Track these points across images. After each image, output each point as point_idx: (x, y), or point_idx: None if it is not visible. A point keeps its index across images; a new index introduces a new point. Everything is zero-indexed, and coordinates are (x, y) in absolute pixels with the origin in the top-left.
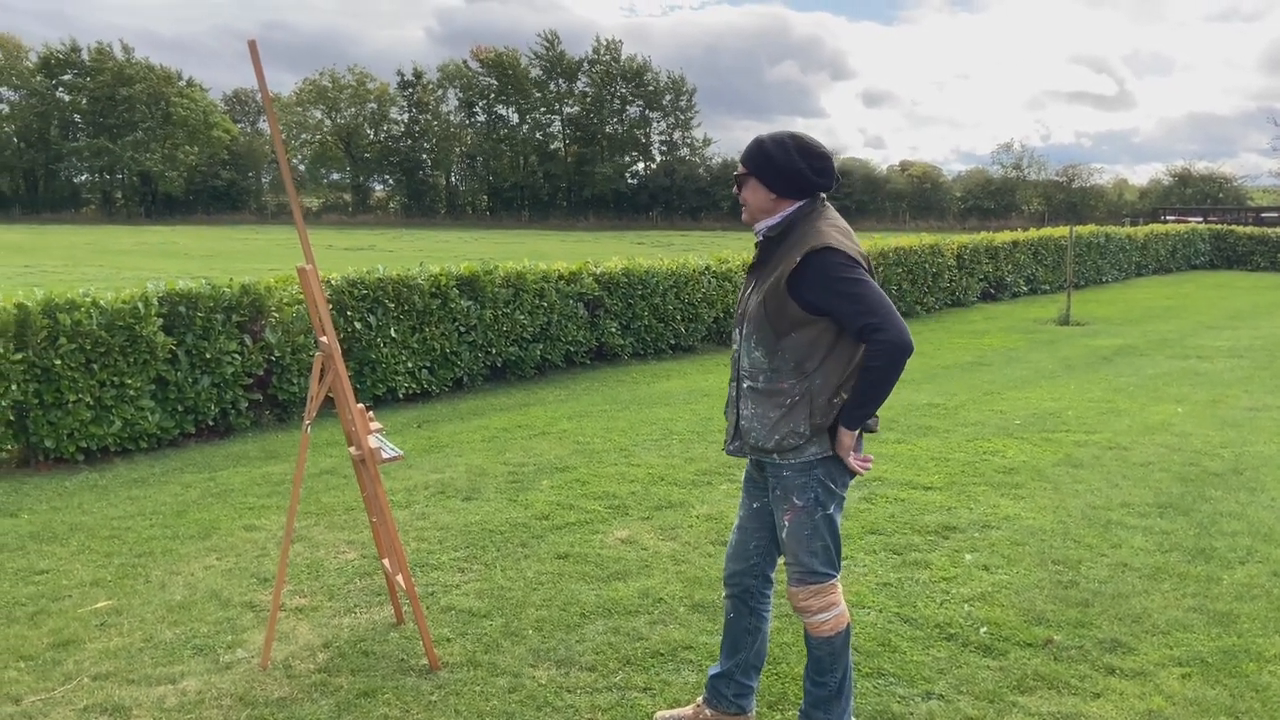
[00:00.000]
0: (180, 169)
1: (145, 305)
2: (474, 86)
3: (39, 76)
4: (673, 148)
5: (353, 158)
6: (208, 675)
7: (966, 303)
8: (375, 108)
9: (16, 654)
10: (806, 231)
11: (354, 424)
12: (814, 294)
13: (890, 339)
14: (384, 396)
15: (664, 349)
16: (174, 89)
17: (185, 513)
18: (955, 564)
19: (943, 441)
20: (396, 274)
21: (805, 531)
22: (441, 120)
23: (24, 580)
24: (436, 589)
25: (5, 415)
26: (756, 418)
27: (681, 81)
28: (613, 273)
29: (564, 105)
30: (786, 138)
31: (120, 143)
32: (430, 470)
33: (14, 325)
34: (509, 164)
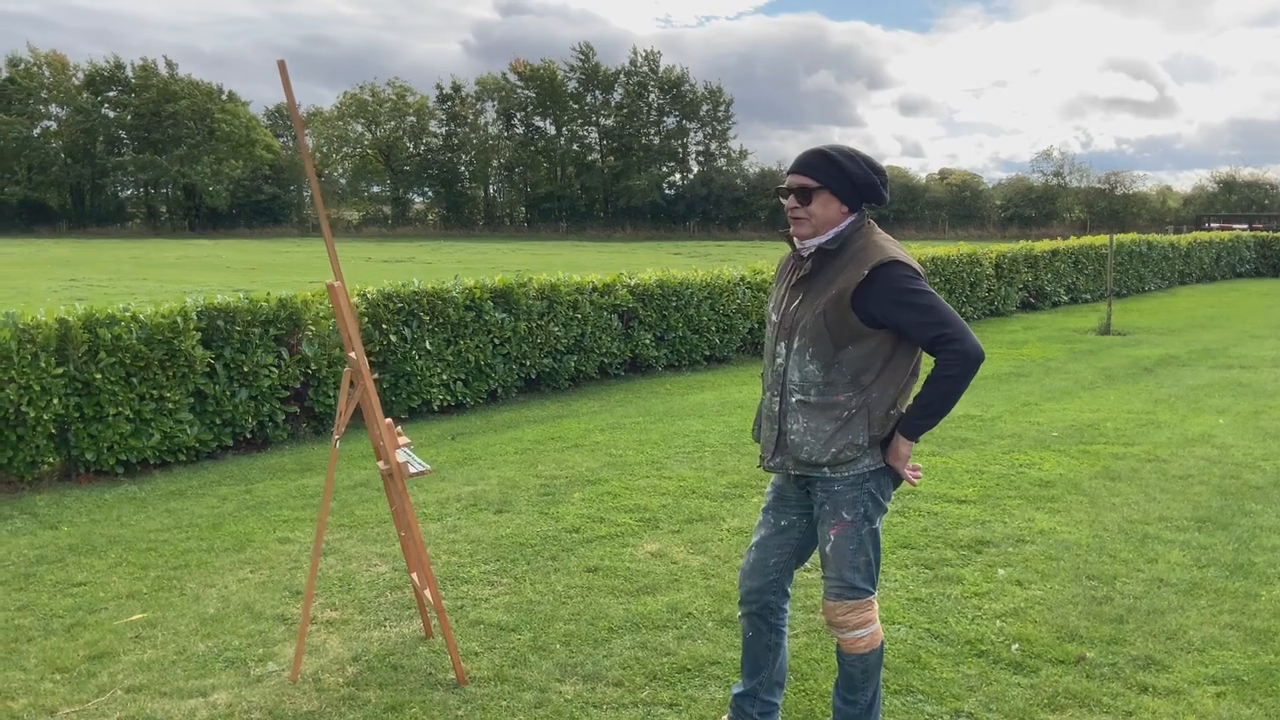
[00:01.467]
0: (224, 183)
1: (184, 319)
2: (512, 99)
3: (85, 94)
4: (710, 158)
5: (392, 170)
6: (238, 688)
7: (1005, 312)
8: (414, 121)
9: (53, 666)
10: (865, 245)
11: (382, 438)
12: (879, 307)
13: (965, 349)
14: (419, 409)
15: (698, 360)
16: (217, 104)
17: (221, 525)
18: (988, 579)
19: (978, 454)
20: (431, 286)
21: (851, 546)
22: (480, 133)
23: (62, 592)
24: (466, 602)
25: (47, 428)
26: (810, 432)
27: (719, 92)
28: (647, 284)
29: (600, 117)
30: (851, 151)
31: (165, 157)
32: (463, 483)
33: (55, 339)
34: (546, 175)
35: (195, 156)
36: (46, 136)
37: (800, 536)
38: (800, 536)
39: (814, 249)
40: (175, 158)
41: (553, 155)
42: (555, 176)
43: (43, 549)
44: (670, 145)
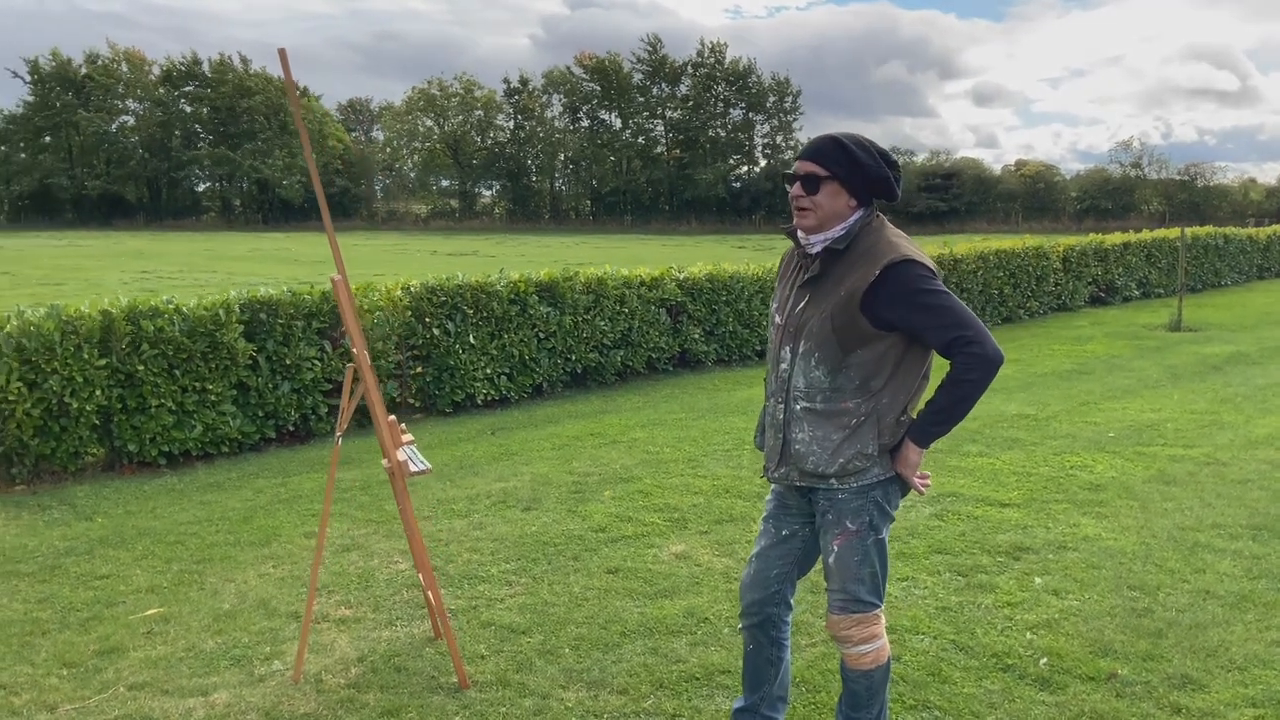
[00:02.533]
0: (296, 176)
1: (226, 312)
2: (578, 92)
3: (162, 89)
4: (776, 150)
5: (460, 164)
6: (240, 688)
7: (1073, 307)
8: (482, 115)
9: (62, 660)
10: (876, 243)
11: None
12: (891, 309)
13: (985, 352)
14: (462, 402)
15: (749, 355)
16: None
17: (251, 519)
18: (1023, 588)
19: (1028, 455)
20: (475, 280)
21: (855, 558)
22: (546, 126)
23: (85, 585)
24: (480, 603)
25: (90, 420)
26: (816, 441)
27: (786, 83)
28: (696, 278)
29: (666, 109)
30: (865, 141)
31: (239, 152)
32: (495, 479)
33: (99, 331)
34: (611, 169)
35: (267, 151)
36: (125, 131)
37: (803, 546)
38: (803, 546)
39: (821, 247)
40: (248, 152)
41: (618, 148)
42: (620, 170)
43: (73, 540)
44: (736, 138)
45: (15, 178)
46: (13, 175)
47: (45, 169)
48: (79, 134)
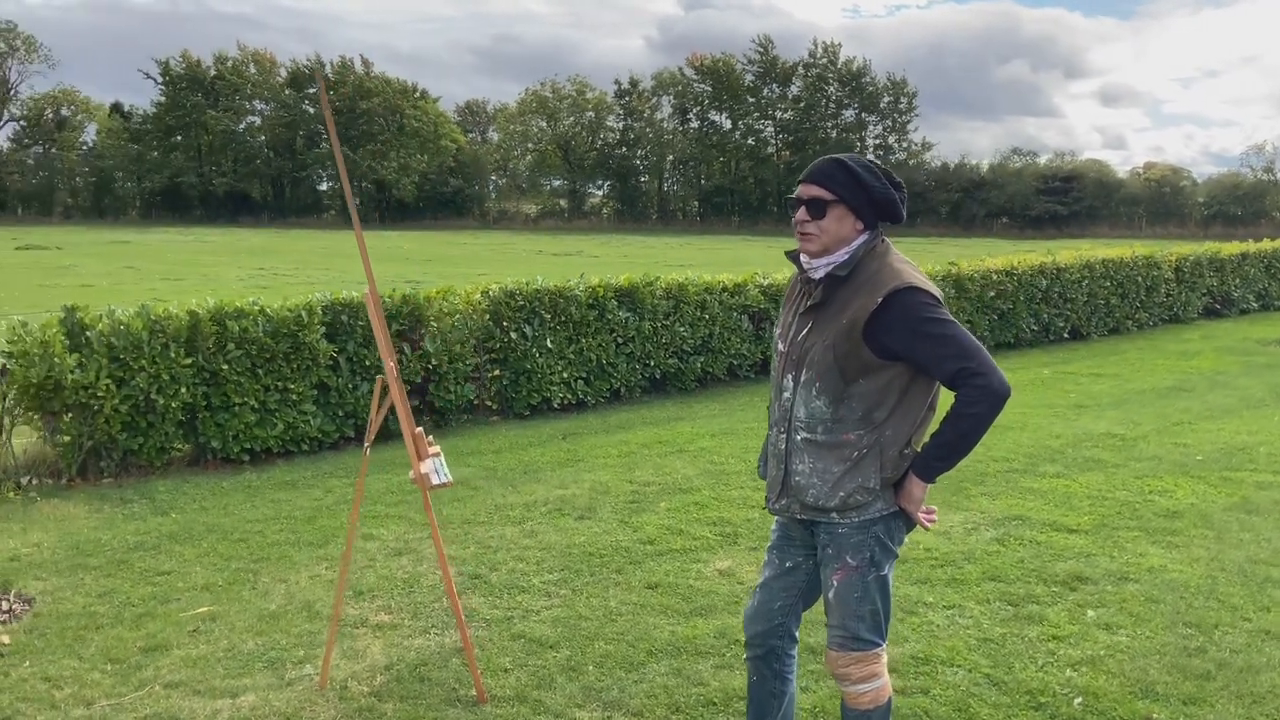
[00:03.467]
0: (411, 177)
1: (308, 314)
2: (688, 93)
3: (287, 90)
4: (888, 151)
5: (570, 165)
6: (268, 691)
7: (1185, 319)
8: (593, 116)
9: (108, 656)
10: (880, 269)
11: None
12: (895, 338)
13: (991, 385)
14: (539, 406)
15: None
16: (409, 101)
17: (315, 519)
18: (1074, 620)
19: (1107, 478)
20: (554, 285)
21: (855, 594)
22: (655, 127)
23: (145, 580)
24: (516, 614)
25: (176, 416)
26: (816, 473)
27: (901, 84)
28: (780, 284)
29: (777, 110)
30: (870, 162)
31: (359, 152)
32: (556, 485)
33: (186, 331)
34: (720, 169)
35: (384, 152)
36: (251, 131)
37: (806, 579)
38: (806, 579)
39: (824, 273)
40: (367, 153)
41: (727, 149)
42: (729, 170)
43: (144, 535)
44: (847, 139)
45: (147, 175)
46: (145, 173)
47: (175, 167)
48: (208, 133)
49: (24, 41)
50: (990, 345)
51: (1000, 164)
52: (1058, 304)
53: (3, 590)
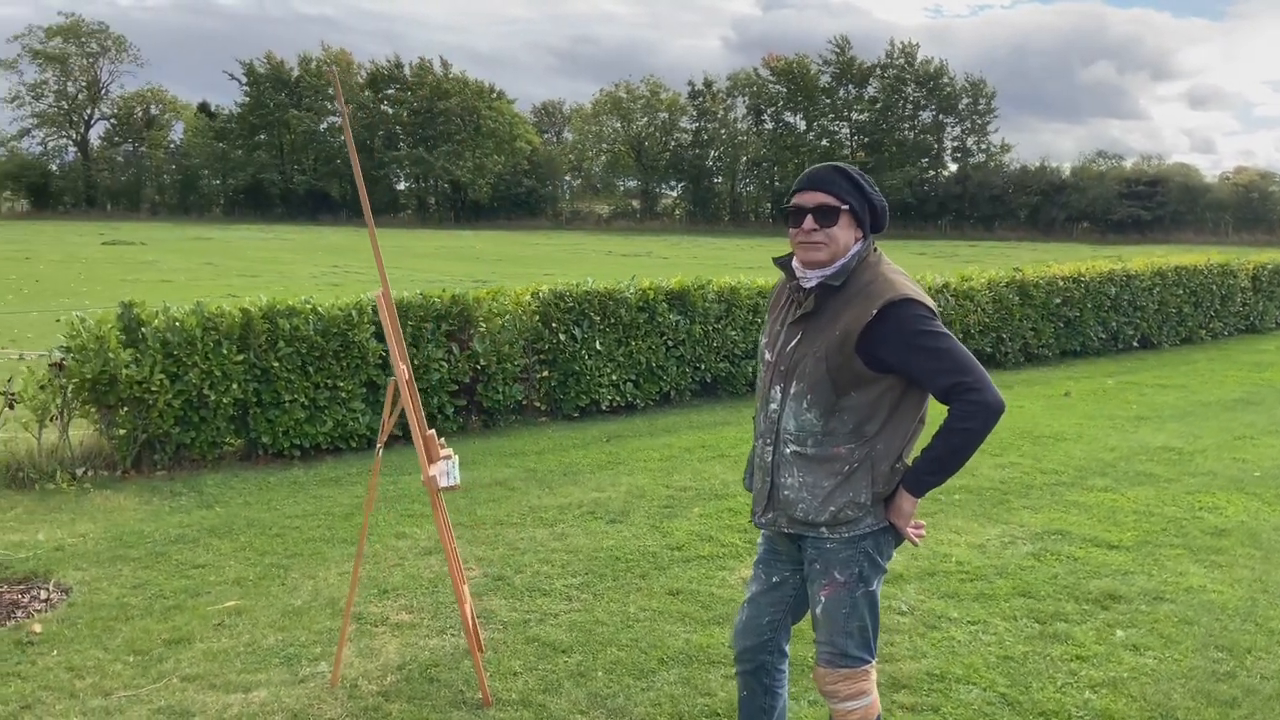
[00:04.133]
0: (486, 177)
1: (358, 313)
2: (763, 94)
3: (367, 91)
4: (966, 154)
5: (642, 166)
6: (280, 687)
7: (1262, 329)
8: (666, 117)
9: (132, 648)
10: (873, 279)
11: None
12: (888, 351)
13: (985, 400)
14: (587, 408)
15: None
16: (485, 102)
17: (352, 515)
18: (1101, 640)
19: (1157, 493)
20: (603, 288)
21: (843, 610)
22: (729, 128)
23: (180, 573)
24: (534, 617)
25: (227, 412)
26: (806, 488)
27: (981, 85)
28: None
29: (852, 111)
30: (857, 170)
31: (435, 153)
32: (593, 488)
33: (238, 328)
34: (794, 171)
35: (460, 152)
36: (331, 131)
37: (794, 593)
38: (794, 593)
39: (816, 282)
40: (442, 153)
41: (801, 150)
42: (802, 172)
43: (186, 528)
44: (924, 140)
45: (231, 173)
46: (229, 171)
47: (258, 165)
48: (290, 132)
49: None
50: (1055, 353)
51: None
52: (1127, 312)
53: (43, 579)
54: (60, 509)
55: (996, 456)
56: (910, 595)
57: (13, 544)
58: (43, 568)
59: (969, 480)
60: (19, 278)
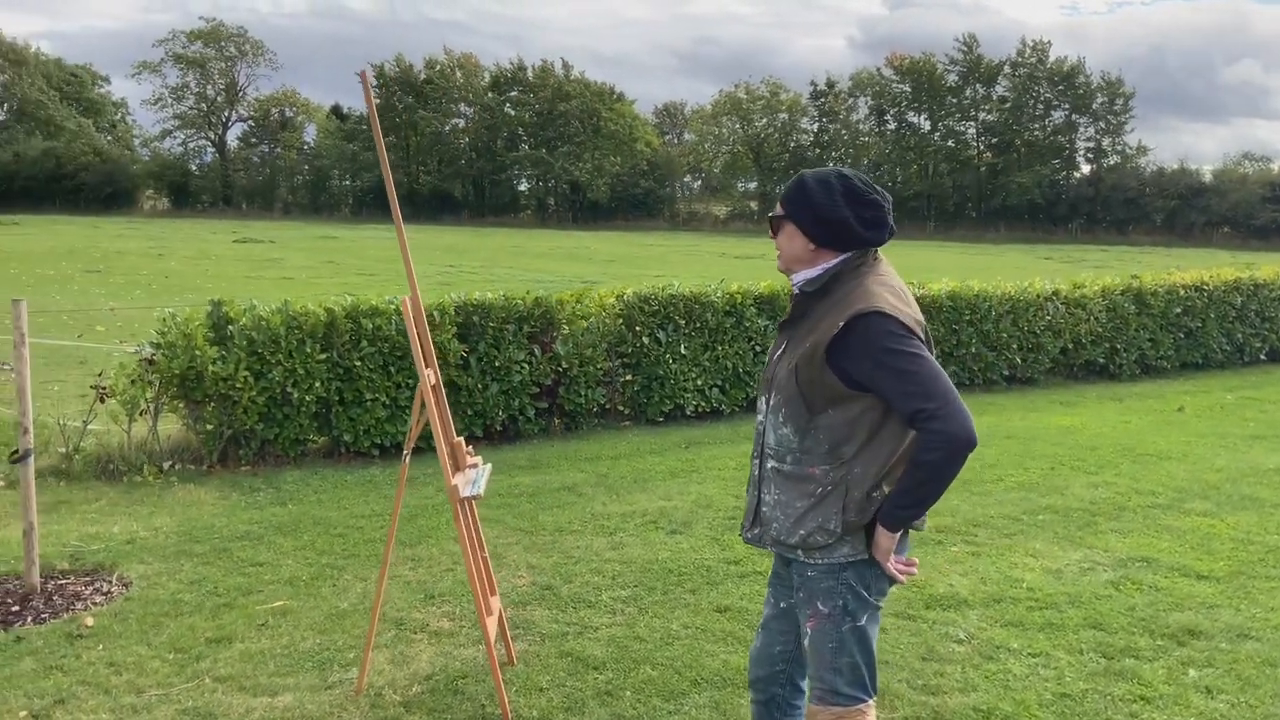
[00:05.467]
0: (604, 178)
1: (440, 314)
2: (886, 94)
3: (490, 93)
4: (1100, 154)
5: (761, 167)
6: (306, 693)
7: None
8: (786, 118)
9: (174, 645)
10: (852, 290)
11: (450, 456)
12: (855, 365)
13: (948, 431)
14: (671, 413)
15: (995, 380)
16: (605, 104)
17: (415, 518)
18: (1171, 680)
19: (1260, 519)
20: (689, 291)
21: (829, 644)
22: (851, 129)
23: (238, 570)
24: (573, 630)
25: (310, 409)
26: (780, 506)
27: (1117, 83)
28: (935, 295)
29: (980, 111)
30: (833, 178)
31: (555, 153)
32: (660, 497)
33: (322, 328)
34: (916, 172)
35: (579, 153)
36: (455, 133)
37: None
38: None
39: (798, 289)
40: (562, 154)
41: (925, 151)
42: (926, 173)
43: (254, 525)
44: (1056, 141)
45: (359, 173)
46: (357, 171)
47: None
48: (416, 134)
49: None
50: (1174, 365)
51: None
52: (1254, 323)
53: (108, 572)
54: (142, 502)
55: (1091, 475)
56: (971, 623)
57: (89, 535)
58: (111, 560)
59: (1056, 500)
60: (150, 274)
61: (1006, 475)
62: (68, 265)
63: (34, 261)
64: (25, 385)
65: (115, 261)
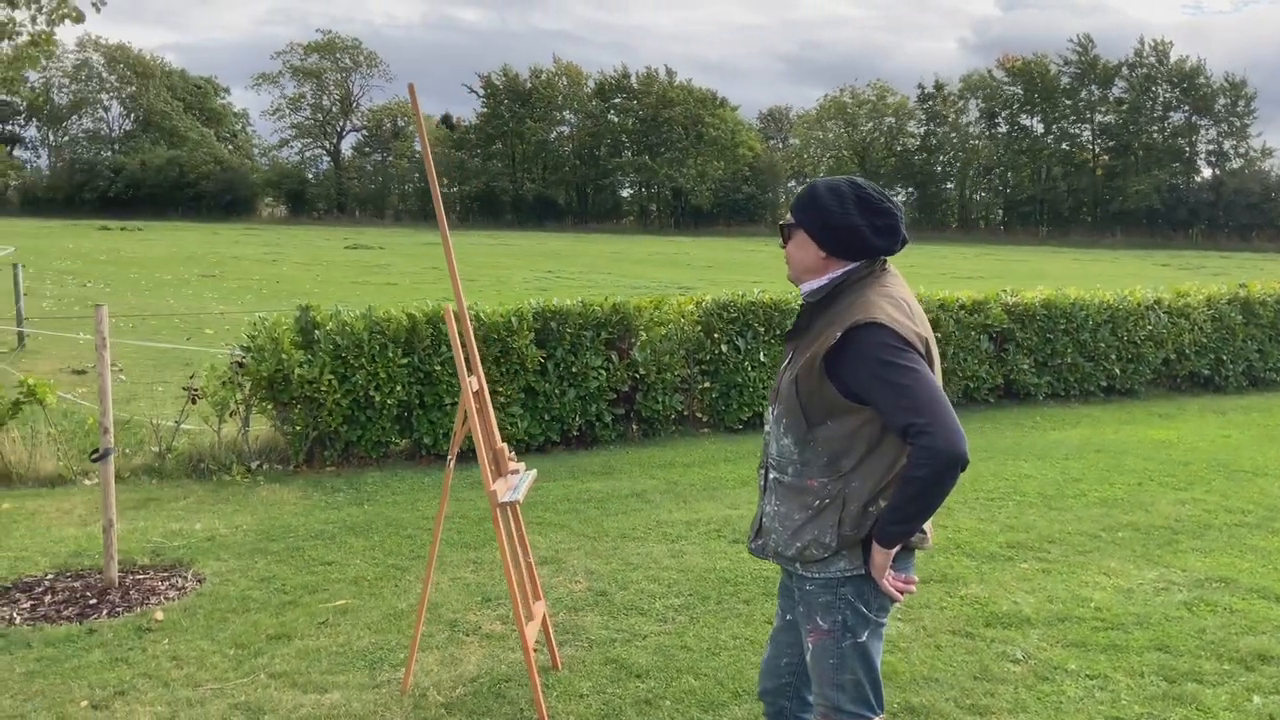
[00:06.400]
0: (707, 184)
1: (518, 319)
2: (997, 96)
3: (594, 101)
4: (1222, 158)
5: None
6: (354, 690)
7: None
8: (893, 121)
9: (235, 641)
10: (854, 301)
11: (492, 463)
12: (852, 377)
13: (935, 446)
14: (750, 421)
15: (1092, 391)
16: (708, 109)
17: (484, 521)
18: (1232, 706)
19: None
20: (768, 298)
21: (830, 660)
22: (960, 132)
23: (308, 569)
24: (620, 637)
25: (392, 412)
26: (779, 518)
27: (1240, 85)
28: (1029, 303)
29: (1096, 113)
30: (845, 186)
31: (658, 160)
32: (727, 505)
33: (404, 333)
34: (1028, 176)
35: (682, 159)
36: (560, 140)
37: None
38: None
39: (804, 299)
40: (665, 160)
41: (1038, 155)
42: (1038, 177)
43: (329, 525)
44: (1175, 144)
45: (467, 181)
46: (466, 178)
47: (491, 173)
48: (522, 142)
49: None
50: None
51: None
52: None
53: (185, 568)
54: (228, 500)
55: (1180, 491)
56: (1031, 642)
57: (172, 532)
58: (189, 556)
59: (1140, 516)
60: (262, 278)
61: (1089, 490)
62: (185, 270)
63: (154, 266)
64: (106, 386)
65: (230, 266)
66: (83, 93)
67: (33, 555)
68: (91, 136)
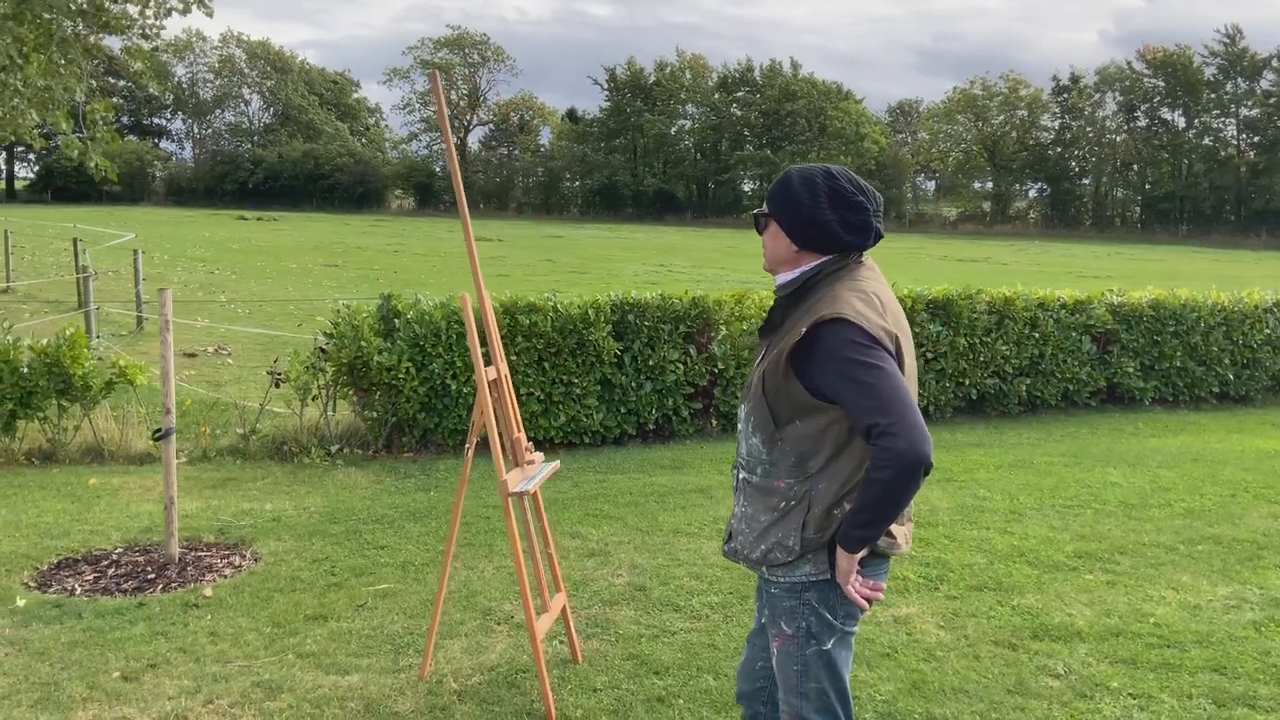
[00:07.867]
0: None
1: (595, 312)
2: (1136, 89)
3: (717, 94)
4: None
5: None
6: (374, 674)
7: None
8: (1025, 114)
9: (275, 620)
10: (824, 295)
11: (511, 453)
12: (818, 374)
13: (897, 448)
14: None
15: (1203, 396)
16: (832, 102)
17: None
18: None
19: None
20: None
21: (794, 667)
22: (1096, 126)
23: (360, 552)
24: (649, 633)
25: (468, 401)
26: (745, 519)
27: None
28: (1135, 304)
29: (1241, 107)
30: (819, 177)
31: (780, 153)
32: None
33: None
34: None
35: (804, 153)
36: (681, 134)
37: None
38: None
39: (777, 291)
40: (787, 153)
41: (1179, 150)
42: (1179, 173)
43: (392, 510)
44: None
45: (589, 174)
46: (587, 172)
47: (613, 167)
48: (643, 136)
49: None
50: None
51: None
52: None
53: (245, 546)
54: (304, 482)
55: (1275, 504)
56: (1077, 657)
57: (242, 511)
58: (252, 535)
59: (1225, 529)
60: (381, 268)
61: (1176, 500)
62: (310, 259)
63: (281, 255)
64: (169, 369)
65: (354, 256)
66: (225, 87)
67: (107, 529)
68: (233, 129)
